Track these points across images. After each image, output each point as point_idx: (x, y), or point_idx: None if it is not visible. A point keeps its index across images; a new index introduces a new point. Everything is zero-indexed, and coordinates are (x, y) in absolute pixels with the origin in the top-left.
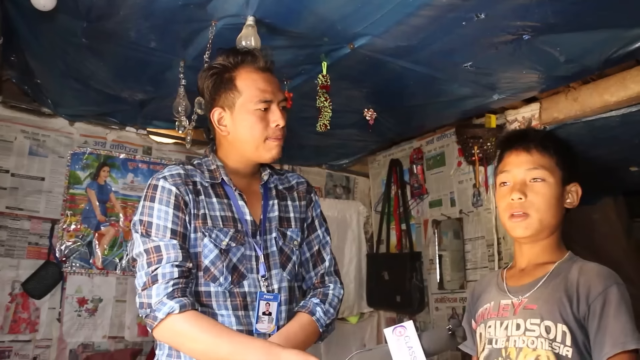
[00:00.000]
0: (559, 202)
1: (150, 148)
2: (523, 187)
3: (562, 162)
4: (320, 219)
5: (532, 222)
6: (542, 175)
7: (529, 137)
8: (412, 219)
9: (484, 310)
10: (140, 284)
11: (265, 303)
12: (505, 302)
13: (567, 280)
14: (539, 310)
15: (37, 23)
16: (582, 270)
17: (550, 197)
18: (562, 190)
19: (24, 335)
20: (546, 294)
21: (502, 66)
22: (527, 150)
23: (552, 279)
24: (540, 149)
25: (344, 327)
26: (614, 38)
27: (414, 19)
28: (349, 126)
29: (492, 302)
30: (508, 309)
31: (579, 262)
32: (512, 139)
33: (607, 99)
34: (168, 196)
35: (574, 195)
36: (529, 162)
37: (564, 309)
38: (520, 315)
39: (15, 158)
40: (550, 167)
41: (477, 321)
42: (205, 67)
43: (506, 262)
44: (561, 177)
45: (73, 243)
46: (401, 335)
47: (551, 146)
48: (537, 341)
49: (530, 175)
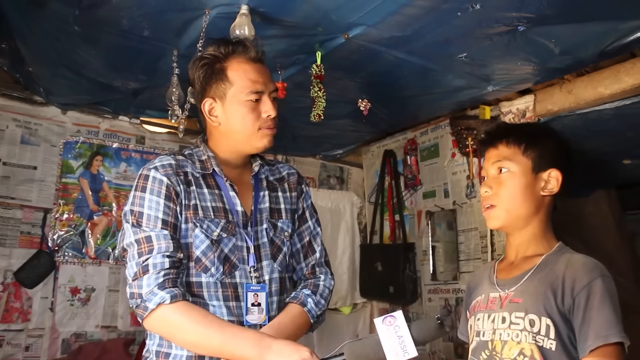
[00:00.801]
0: (529, 190)
1: (143, 137)
2: (491, 180)
3: (532, 150)
4: (311, 210)
5: (498, 212)
6: (506, 165)
7: (497, 132)
8: (406, 210)
9: (476, 302)
10: (131, 274)
11: (253, 294)
12: (494, 295)
13: (553, 273)
14: (524, 304)
15: (29, 10)
16: (569, 262)
17: (515, 186)
18: (533, 178)
19: (16, 325)
20: (531, 287)
21: (496, 58)
22: (494, 145)
23: (539, 272)
24: (505, 142)
25: (336, 318)
26: (609, 30)
27: (409, 9)
28: (343, 116)
29: (483, 295)
30: (495, 302)
31: (567, 253)
32: (486, 136)
33: (601, 92)
34: (159, 186)
35: (553, 182)
36: (494, 156)
37: (548, 302)
38: (506, 309)
39: (7, 147)
40: (515, 157)
41: (470, 313)
42: (196, 58)
43: (499, 253)
44: (530, 165)
45: (65, 232)
46: (391, 324)
47: (518, 137)
48: (522, 334)
49: (495, 167)
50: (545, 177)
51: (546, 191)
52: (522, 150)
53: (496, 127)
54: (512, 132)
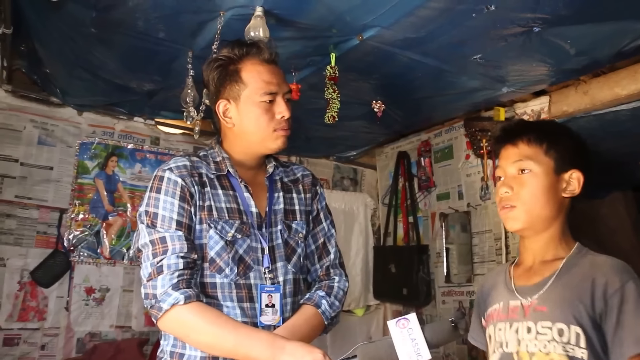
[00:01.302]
0: (551, 192)
1: (158, 138)
2: (511, 180)
3: (554, 150)
4: (326, 212)
5: (518, 213)
6: (528, 166)
7: (516, 129)
8: (420, 212)
9: (493, 310)
10: (146, 275)
11: (267, 295)
12: (514, 303)
13: (577, 276)
14: (550, 312)
15: (47, 13)
16: (594, 264)
17: (538, 187)
18: (555, 179)
19: (32, 324)
20: (556, 294)
21: (511, 59)
22: (514, 143)
23: (562, 276)
24: (526, 140)
25: (350, 320)
26: (626, 31)
27: (423, 11)
28: (357, 118)
29: (501, 303)
30: (517, 311)
31: (588, 255)
32: (503, 133)
33: (617, 93)
34: (174, 187)
35: (574, 183)
36: (514, 155)
37: (577, 309)
38: (530, 318)
39: (24, 147)
40: (537, 157)
41: (487, 321)
42: (210, 59)
43: (514, 256)
44: (553, 165)
45: (81, 232)
46: (404, 327)
47: (539, 136)
48: (550, 345)
49: (516, 167)
50: (566, 178)
51: (567, 192)
52: (545, 150)
53: (515, 125)
54: (533, 130)
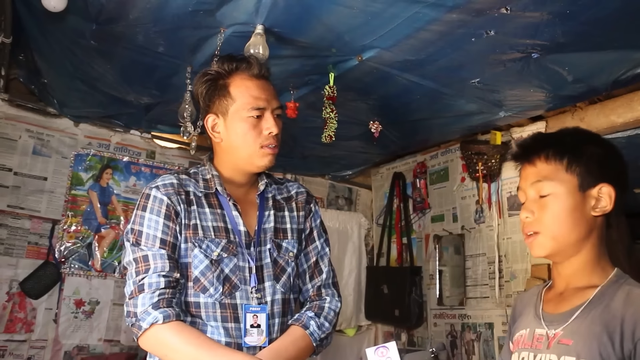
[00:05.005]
0: (578, 212)
1: (153, 152)
2: (532, 203)
3: (577, 165)
4: (320, 230)
5: (543, 240)
6: (547, 187)
7: (533, 145)
8: (414, 233)
9: (520, 336)
10: (128, 293)
11: (252, 315)
12: (540, 332)
13: (609, 310)
14: (575, 347)
15: (47, 24)
16: (628, 299)
17: (561, 210)
18: (581, 198)
19: (19, 335)
20: (584, 327)
21: (509, 84)
22: (531, 162)
23: (592, 308)
24: (544, 158)
25: (340, 340)
26: (623, 59)
27: (423, 34)
28: (354, 138)
29: (528, 330)
30: (542, 341)
31: (626, 286)
32: (520, 150)
33: (613, 120)
34: (159, 206)
35: (605, 199)
36: (533, 175)
37: (604, 347)
38: (553, 350)
39: (19, 157)
40: (558, 175)
41: (514, 346)
42: (200, 74)
43: (507, 280)
44: (577, 183)
45: (73, 244)
46: (383, 356)
47: (558, 151)
48: None
49: (535, 189)
50: (595, 195)
51: (598, 211)
52: (566, 166)
53: (532, 140)
54: (551, 144)
